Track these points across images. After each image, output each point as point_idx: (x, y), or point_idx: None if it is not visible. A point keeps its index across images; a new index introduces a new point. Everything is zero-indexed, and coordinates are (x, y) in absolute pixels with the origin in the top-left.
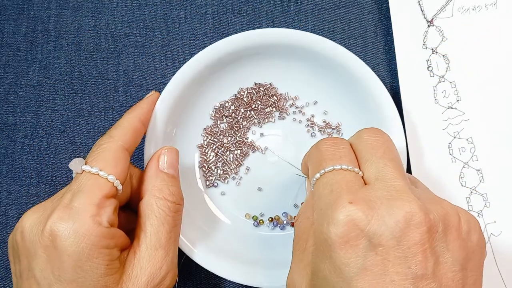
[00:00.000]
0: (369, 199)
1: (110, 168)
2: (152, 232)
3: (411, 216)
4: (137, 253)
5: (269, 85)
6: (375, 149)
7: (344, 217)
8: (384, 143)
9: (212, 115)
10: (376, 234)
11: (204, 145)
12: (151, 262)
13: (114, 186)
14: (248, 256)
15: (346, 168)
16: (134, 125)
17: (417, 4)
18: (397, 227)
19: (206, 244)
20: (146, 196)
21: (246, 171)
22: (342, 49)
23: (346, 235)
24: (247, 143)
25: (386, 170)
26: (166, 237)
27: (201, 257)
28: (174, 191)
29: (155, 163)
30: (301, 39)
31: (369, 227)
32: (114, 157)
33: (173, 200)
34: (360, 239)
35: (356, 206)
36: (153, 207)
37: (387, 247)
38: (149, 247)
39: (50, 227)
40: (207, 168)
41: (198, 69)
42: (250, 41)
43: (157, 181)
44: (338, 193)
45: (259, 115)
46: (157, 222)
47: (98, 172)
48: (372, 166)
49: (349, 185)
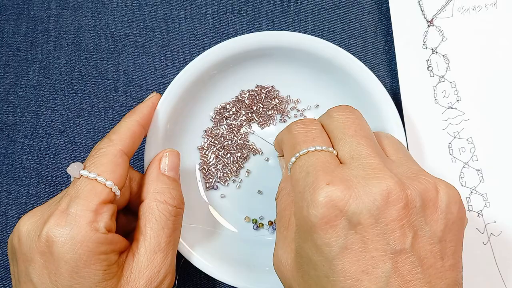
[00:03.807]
0: (345, 179)
1: (108, 173)
2: (152, 236)
3: (388, 193)
4: (135, 256)
5: (271, 87)
6: (347, 127)
7: (323, 199)
8: (355, 120)
9: (213, 117)
10: (355, 213)
11: (204, 147)
12: (150, 265)
13: (112, 191)
14: (246, 260)
15: (320, 149)
16: (133, 129)
17: (417, 4)
18: (374, 205)
19: (204, 247)
20: (147, 199)
21: (247, 174)
22: (342, 52)
23: (326, 216)
24: (247, 146)
25: (361, 148)
26: (166, 241)
27: (199, 260)
28: (175, 194)
29: (157, 165)
30: (302, 42)
31: (348, 206)
32: (113, 162)
33: (174, 204)
34: (340, 219)
35: (334, 187)
36: (154, 210)
37: (366, 225)
38: (148, 251)
39: (46, 233)
40: (207, 170)
41: (200, 71)
42: (252, 44)
43: (158, 184)
44: (314, 175)
45: (261, 118)
46: (157, 225)
47: (96, 178)
48: (345, 145)
49: (325, 165)
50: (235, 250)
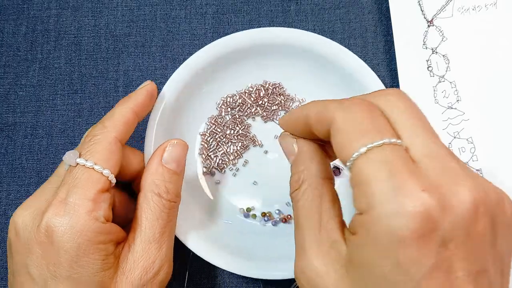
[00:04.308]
0: (436, 184)
1: (104, 161)
2: (147, 226)
3: (477, 205)
4: (131, 247)
5: (278, 84)
6: (415, 118)
7: (419, 208)
8: (419, 111)
9: (219, 105)
10: (450, 227)
11: (206, 133)
12: (144, 256)
13: (108, 180)
14: (236, 246)
15: (395, 142)
16: (127, 116)
17: (417, 4)
18: (468, 218)
19: (199, 231)
20: (143, 190)
21: (245, 163)
22: (347, 52)
23: (420, 229)
24: (249, 137)
25: (436, 147)
26: (160, 232)
27: (195, 244)
28: (171, 188)
29: (159, 155)
30: (312, 41)
31: (443, 219)
32: (109, 150)
33: (168, 198)
34: (434, 232)
35: (429, 194)
36: (149, 202)
37: (458, 242)
38: (143, 241)
39: (46, 222)
40: (206, 156)
41: (214, 57)
42: (265, 38)
43: (156, 176)
44: (400, 176)
45: (265, 112)
46: (151, 216)
47: (93, 166)
48: (417, 139)
49: (408, 165)
50: (227, 236)
